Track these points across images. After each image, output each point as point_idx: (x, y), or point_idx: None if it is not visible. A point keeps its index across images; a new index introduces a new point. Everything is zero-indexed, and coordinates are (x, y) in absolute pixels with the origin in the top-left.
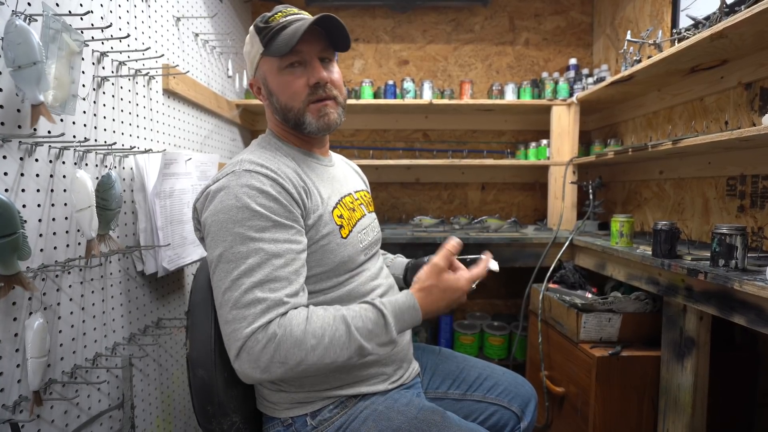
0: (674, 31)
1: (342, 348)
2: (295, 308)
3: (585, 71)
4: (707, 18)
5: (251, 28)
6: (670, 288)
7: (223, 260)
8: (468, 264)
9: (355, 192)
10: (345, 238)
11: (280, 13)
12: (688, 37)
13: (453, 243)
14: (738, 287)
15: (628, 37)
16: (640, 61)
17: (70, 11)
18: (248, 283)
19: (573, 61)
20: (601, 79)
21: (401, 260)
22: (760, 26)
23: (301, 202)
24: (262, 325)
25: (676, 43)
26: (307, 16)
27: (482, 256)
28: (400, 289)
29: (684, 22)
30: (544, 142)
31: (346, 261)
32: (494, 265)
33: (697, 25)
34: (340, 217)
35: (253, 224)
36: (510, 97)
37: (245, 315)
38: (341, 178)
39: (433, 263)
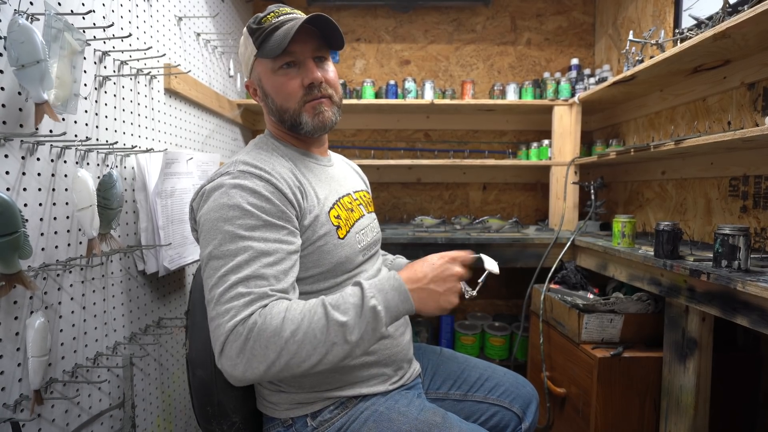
0: (677, 31)
1: (321, 332)
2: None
3: (587, 71)
4: (710, 18)
5: (245, 29)
6: (672, 289)
7: (212, 258)
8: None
9: (354, 192)
10: (342, 238)
11: (272, 14)
12: (690, 37)
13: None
14: (741, 288)
15: (631, 37)
16: (642, 61)
17: (72, 10)
18: (234, 278)
19: (575, 61)
20: (603, 79)
21: (401, 261)
22: (764, 26)
23: (296, 202)
24: (243, 318)
25: (679, 43)
26: (299, 16)
27: (481, 255)
28: None
29: (686, 22)
30: (546, 142)
31: (343, 262)
32: (494, 267)
33: (699, 25)
34: (337, 217)
35: (243, 223)
36: (511, 97)
37: (228, 309)
38: (340, 178)
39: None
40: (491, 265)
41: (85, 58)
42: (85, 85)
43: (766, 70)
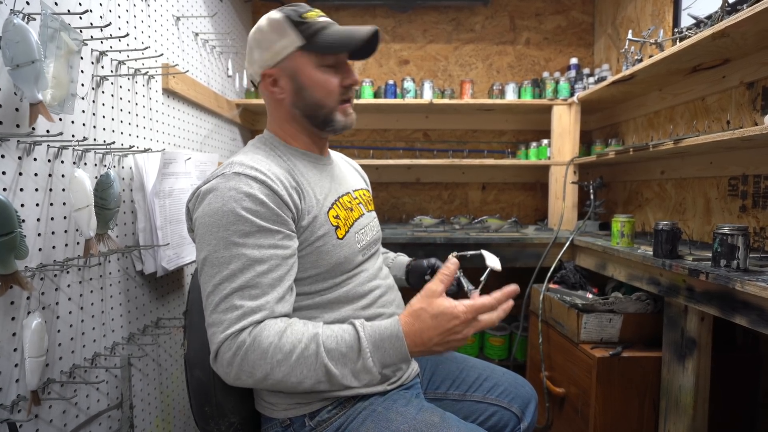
0: (676, 30)
1: (309, 369)
2: (274, 317)
3: (586, 71)
4: (709, 17)
5: (280, 18)
6: (671, 288)
7: (207, 264)
8: (468, 259)
9: (354, 191)
10: (341, 239)
11: (313, 12)
12: (689, 36)
13: (451, 265)
14: (740, 288)
15: (630, 36)
16: (641, 60)
17: (68, 10)
18: (228, 288)
19: (574, 60)
20: (602, 79)
21: (402, 259)
22: (763, 25)
23: (293, 204)
24: (234, 333)
25: (678, 43)
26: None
27: (482, 252)
28: (401, 290)
29: (685, 21)
30: (545, 141)
31: (342, 262)
32: (496, 264)
33: (698, 24)
34: (336, 217)
35: (237, 229)
36: (511, 96)
37: (222, 320)
38: (339, 177)
39: (426, 287)
40: (493, 261)
41: (82, 58)
42: (83, 85)
43: (765, 69)
